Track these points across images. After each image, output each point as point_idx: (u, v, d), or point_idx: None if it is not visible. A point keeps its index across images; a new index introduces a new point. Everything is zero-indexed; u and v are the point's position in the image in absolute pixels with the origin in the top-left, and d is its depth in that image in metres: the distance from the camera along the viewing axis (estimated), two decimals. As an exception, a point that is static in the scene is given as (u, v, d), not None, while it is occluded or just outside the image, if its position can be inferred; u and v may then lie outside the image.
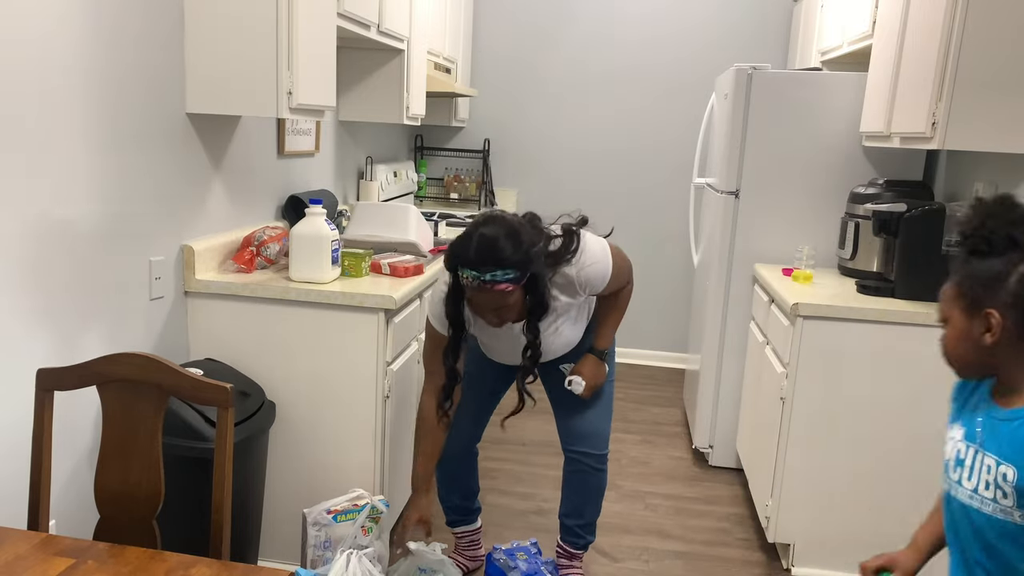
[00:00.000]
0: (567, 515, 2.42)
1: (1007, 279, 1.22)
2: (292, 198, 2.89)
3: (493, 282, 1.88)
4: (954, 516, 1.30)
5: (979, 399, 1.32)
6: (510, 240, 1.89)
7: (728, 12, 4.56)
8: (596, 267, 2.10)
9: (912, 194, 2.76)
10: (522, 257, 1.90)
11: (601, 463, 2.36)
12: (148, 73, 2.07)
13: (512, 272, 1.89)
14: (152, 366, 1.45)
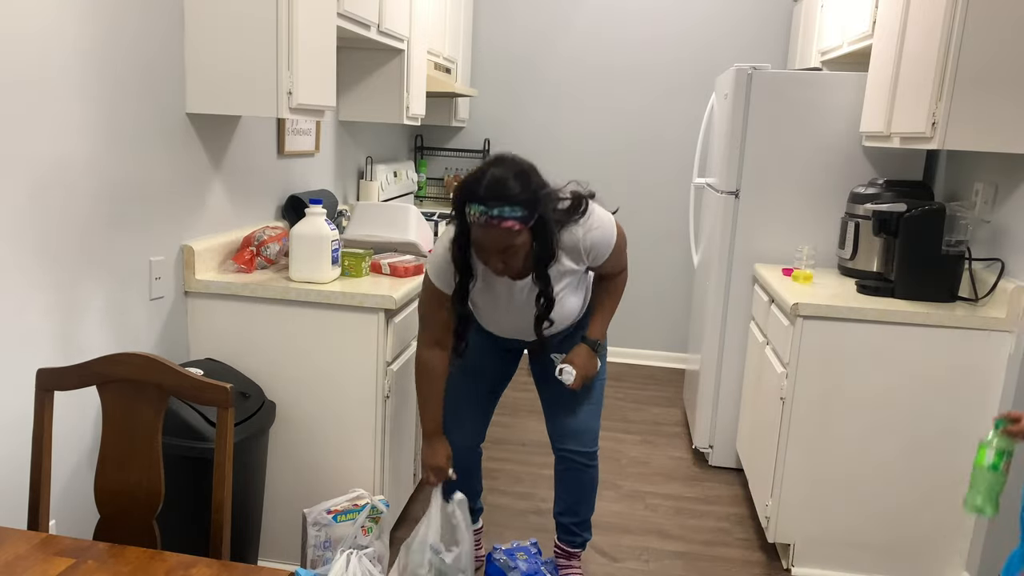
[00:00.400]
0: (562, 513, 2.43)
1: None
2: (292, 198, 2.89)
3: (501, 218, 1.85)
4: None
5: None
6: (520, 179, 1.88)
7: (728, 12, 4.56)
8: (603, 232, 2.07)
9: (912, 194, 2.76)
10: (531, 196, 1.88)
11: (591, 460, 2.35)
12: (148, 73, 2.08)
13: (520, 210, 1.86)
14: (152, 366, 1.45)
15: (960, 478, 2.48)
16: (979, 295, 2.54)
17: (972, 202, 2.69)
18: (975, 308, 2.49)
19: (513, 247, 1.92)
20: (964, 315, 2.40)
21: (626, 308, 4.87)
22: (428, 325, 2.19)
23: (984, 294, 2.51)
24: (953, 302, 2.55)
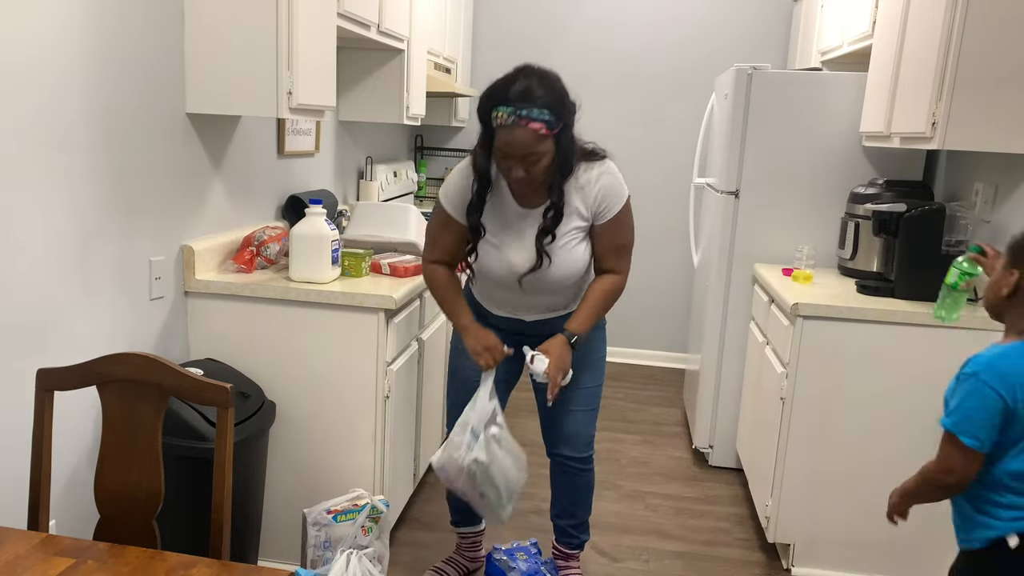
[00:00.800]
0: (558, 516, 2.42)
1: None
2: (292, 198, 2.89)
3: (529, 119, 1.86)
4: None
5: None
6: (548, 85, 1.91)
7: (728, 12, 4.56)
8: (615, 181, 2.07)
9: (912, 194, 2.76)
10: (559, 103, 1.90)
11: (586, 464, 2.34)
12: (148, 73, 2.08)
13: (548, 114, 1.88)
14: (152, 366, 1.45)
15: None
16: (979, 295, 2.53)
17: (972, 202, 2.69)
18: (975, 308, 2.48)
19: (537, 153, 1.91)
20: (964, 315, 2.40)
21: (626, 308, 4.87)
22: (432, 246, 2.21)
23: (984, 294, 2.51)
24: (953, 302, 2.55)
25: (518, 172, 1.95)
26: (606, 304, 2.17)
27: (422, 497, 3.01)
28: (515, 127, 1.88)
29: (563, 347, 2.09)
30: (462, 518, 2.51)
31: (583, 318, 2.13)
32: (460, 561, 2.53)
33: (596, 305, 2.15)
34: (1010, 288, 1.54)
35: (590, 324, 2.14)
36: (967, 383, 1.55)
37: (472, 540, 2.54)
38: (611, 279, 2.16)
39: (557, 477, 2.38)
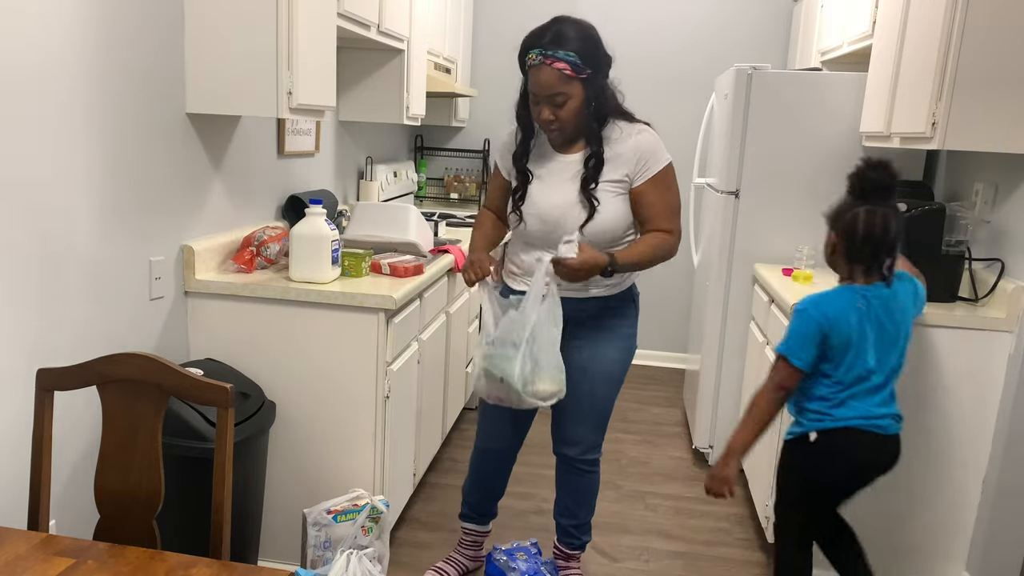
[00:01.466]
0: (561, 515, 2.42)
1: (846, 215, 1.93)
2: (292, 198, 2.89)
3: (554, 58, 1.93)
4: None
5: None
6: (579, 31, 1.97)
7: (728, 12, 4.56)
8: (655, 141, 2.08)
9: (912, 194, 2.76)
10: (587, 48, 1.95)
11: (591, 466, 2.34)
12: (148, 73, 2.08)
13: (574, 56, 1.93)
14: (152, 366, 1.45)
15: (959, 478, 2.48)
16: (979, 295, 2.54)
17: (972, 202, 2.69)
18: (975, 308, 2.48)
19: (562, 94, 1.96)
20: (964, 315, 2.40)
21: (626, 308, 4.88)
22: (488, 195, 2.37)
23: (984, 294, 2.51)
24: (953, 302, 2.55)
25: (547, 115, 2.01)
26: (654, 252, 2.09)
27: (422, 497, 3.01)
28: (542, 67, 1.96)
29: (597, 255, 2.00)
30: (472, 514, 2.50)
31: (628, 252, 2.07)
32: (460, 560, 2.52)
33: (644, 247, 2.09)
34: (831, 248, 2.00)
35: (632, 259, 2.07)
36: (797, 317, 1.96)
37: (474, 539, 2.54)
38: (662, 234, 2.10)
39: (562, 476, 2.38)
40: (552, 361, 2.04)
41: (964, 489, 2.49)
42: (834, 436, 1.98)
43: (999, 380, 2.41)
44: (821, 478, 2.04)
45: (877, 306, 1.94)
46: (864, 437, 1.99)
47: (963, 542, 2.52)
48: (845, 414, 1.97)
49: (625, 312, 2.25)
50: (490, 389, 2.10)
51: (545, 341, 2.02)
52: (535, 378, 2.02)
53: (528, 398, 2.03)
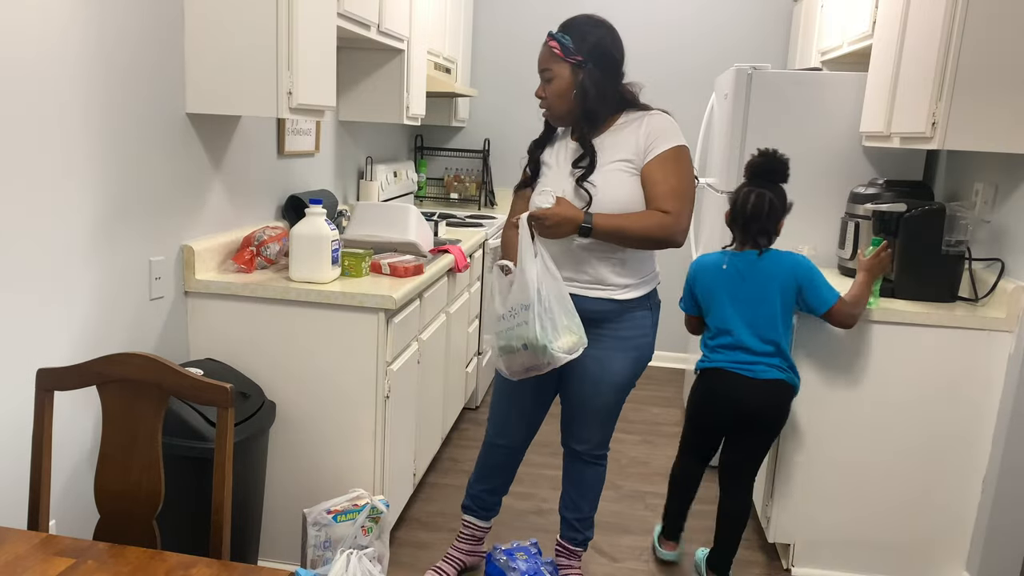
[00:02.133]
0: (565, 508, 2.44)
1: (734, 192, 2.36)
2: (292, 198, 2.89)
3: (550, 37, 2.08)
4: None
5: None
6: (587, 21, 2.08)
7: (728, 12, 4.56)
8: (669, 123, 2.07)
9: (912, 194, 2.76)
10: (584, 35, 2.05)
11: (597, 460, 2.37)
12: (148, 73, 2.08)
13: (568, 40, 2.05)
14: (152, 366, 1.45)
15: (959, 478, 2.48)
16: (979, 295, 2.54)
17: (972, 202, 2.69)
18: (975, 308, 2.48)
19: (549, 70, 2.08)
20: (964, 315, 2.40)
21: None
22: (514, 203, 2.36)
23: (984, 294, 2.51)
24: (953, 302, 2.55)
25: (539, 90, 2.13)
26: (643, 225, 2.01)
27: (422, 497, 3.01)
28: (543, 45, 2.10)
29: (572, 210, 2.00)
30: (473, 507, 2.51)
31: (612, 216, 2.01)
32: (458, 558, 2.52)
33: (634, 217, 2.02)
34: (727, 218, 2.38)
35: (613, 224, 2.00)
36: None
37: (472, 533, 2.53)
38: (660, 214, 2.02)
39: (568, 466, 2.40)
40: (565, 311, 2.03)
41: (964, 489, 2.49)
42: (706, 374, 2.41)
43: (999, 380, 2.41)
44: (695, 403, 2.49)
45: (737, 270, 2.33)
46: (730, 377, 2.32)
47: (963, 542, 2.52)
48: (716, 359, 2.36)
49: (639, 321, 2.20)
50: (513, 363, 2.08)
51: (551, 295, 2.02)
52: (556, 331, 2.01)
53: (557, 353, 2.00)
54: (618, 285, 2.15)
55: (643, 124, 2.07)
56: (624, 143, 2.07)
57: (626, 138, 2.07)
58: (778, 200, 2.30)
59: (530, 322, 1.99)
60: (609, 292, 2.14)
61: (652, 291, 2.25)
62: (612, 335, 2.18)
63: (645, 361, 2.26)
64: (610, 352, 2.18)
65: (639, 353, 2.23)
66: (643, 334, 2.23)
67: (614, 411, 2.29)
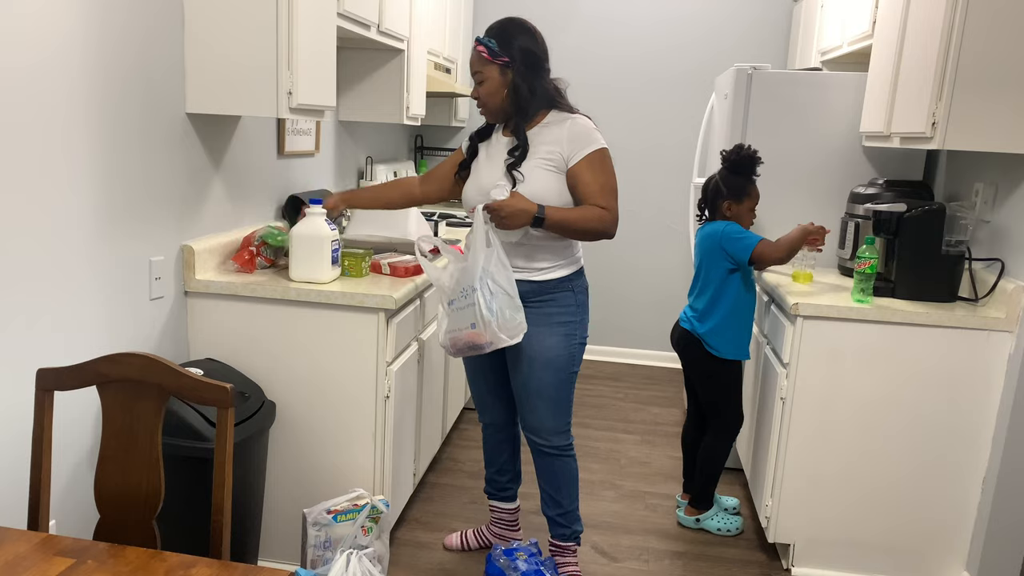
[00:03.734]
0: (545, 505, 2.46)
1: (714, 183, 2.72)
2: (292, 198, 2.89)
3: (478, 42, 2.20)
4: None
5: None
6: (511, 26, 2.20)
7: (728, 12, 4.56)
8: (588, 129, 2.20)
9: (912, 194, 2.76)
10: (508, 39, 2.17)
11: (560, 451, 2.38)
12: (148, 73, 2.08)
13: (493, 44, 2.17)
14: (152, 366, 1.45)
15: (959, 478, 2.48)
16: (979, 295, 2.54)
17: (972, 202, 2.69)
18: (975, 308, 2.49)
19: (479, 73, 2.20)
20: (964, 315, 2.40)
21: (626, 308, 4.87)
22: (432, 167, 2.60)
23: (984, 294, 2.51)
24: (953, 302, 2.55)
25: (473, 91, 2.26)
26: (586, 218, 2.16)
27: (422, 497, 3.01)
28: (472, 50, 2.23)
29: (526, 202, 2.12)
30: (491, 490, 2.65)
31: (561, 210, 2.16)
32: (485, 534, 2.65)
33: (578, 211, 2.17)
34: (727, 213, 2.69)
35: (561, 216, 2.15)
36: None
37: (500, 516, 2.64)
38: (599, 208, 2.18)
39: (536, 463, 2.43)
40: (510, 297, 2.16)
41: (964, 489, 2.49)
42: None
43: (999, 380, 2.41)
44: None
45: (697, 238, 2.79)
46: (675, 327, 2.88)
47: (963, 542, 2.52)
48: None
49: (561, 301, 2.29)
50: (458, 342, 2.19)
51: (500, 281, 2.14)
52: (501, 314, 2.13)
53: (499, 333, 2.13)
54: (535, 268, 2.26)
55: (566, 127, 2.19)
56: (549, 141, 2.19)
57: (552, 136, 2.19)
58: (723, 185, 2.66)
59: (476, 304, 2.12)
60: (527, 274, 2.26)
61: (573, 274, 2.31)
62: (538, 312, 2.26)
63: (575, 340, 2.31)
64: (538, 329, 2.26)
65: (567, 330, 2.29)
66: (567, 312, 2.30)
67: (558, 396, 2.32)
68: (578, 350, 2.33)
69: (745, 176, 2.65)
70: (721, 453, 2.83)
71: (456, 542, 2.66)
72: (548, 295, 2.27)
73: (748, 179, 2.66)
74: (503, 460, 2.59)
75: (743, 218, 2.67)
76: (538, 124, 2.23)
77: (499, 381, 2.48)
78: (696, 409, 2.95)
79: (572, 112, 2.25)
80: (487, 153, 2.32)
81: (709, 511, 2.88)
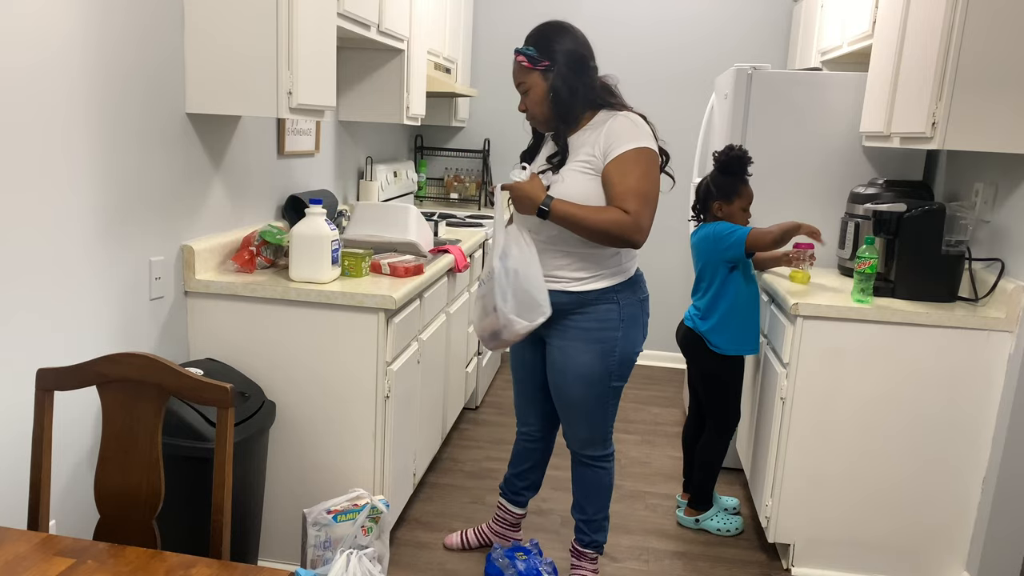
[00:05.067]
0: (574, 508, 2.46)
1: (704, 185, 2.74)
2: (292, 198, 2.89)
3: (518, 52, 2.16)
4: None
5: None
6: (548, 30, 2.15)
7: (728, 12, 4.56)
8: (630, 124, 2.11)
9: (912, 194, 2.76)
10: (546, 43, 2.12)
11: (595, 461, 2.36)
12: (148, 73, 2.08)
13: (532, 51, 2.13)
14: (152, 366, 1.45)
15: (959, 478, 2.48)
16: (979, 295, 2.54)
17: (972, 202, 2.69)
18: (975, 308, 2.48)
19: (524, 84, 2.16)
20: (964, 315, 2.40)
21: (626, 308, 4.87)
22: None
23: (984, 294, 2.51)
24: (953, 302, 2.55)
25: (521, 104, 2.21)
26: (598, 218, 2.05)
27: (422, 497, 3.01)
28: (514, 62, 2.19)
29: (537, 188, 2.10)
30: (505, 488, 2.64)
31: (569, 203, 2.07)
32: (486, 533, 2.65)
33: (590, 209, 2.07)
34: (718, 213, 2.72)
35: (568, 210, 2.06)
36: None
37: (504, 516, 2.64)
38: (619, 211, 2.05)
39: (572, 468, 2.43)
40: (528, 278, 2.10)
41: (964, 489, 2.49)
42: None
43: (999, 380, 2.41)
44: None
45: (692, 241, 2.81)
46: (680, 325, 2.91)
47: (963, 542, 2.52)
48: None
49: (602, 315, 2.20)
50: (484, 330, 2.19)
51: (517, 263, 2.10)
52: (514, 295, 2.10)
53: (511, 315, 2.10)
54: (572, 278, 2.19)
55: (605, 126, 2.11)
56: (589, 143, 2.13)
57: (592, 138, 2.13)
58: (713, 185, 2.68)
59: (493, 288, 2.11)
60: (564, 284, 2.19)
61: (619, 284, 2.20)
62: (575, 326, 2.21)
63: (614, 356, 2.21)
64: (573, 343, 2.21)
65: (603, 347, 2.20)
66: (607, 327, 2.20)
67: (593, 408, 2.27)
68: (618, 366, 2.23)
69: (735, 176, 2.67)
70: (719, 450, 2.84)
71: (456, 541, 2.66)
72: (589, 307, 2.18)
73: (739, 179, 2.67)
74: (526, 467, 2.57)
75: (735, 218, 2.68)
76: (583, 127, 2.16)
77: (538, 392, 2.44)
78: (697, 409, 2.97)
79: (622, 109, 2.16)
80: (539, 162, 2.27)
81: (709, 511, 2.88)
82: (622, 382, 2.27)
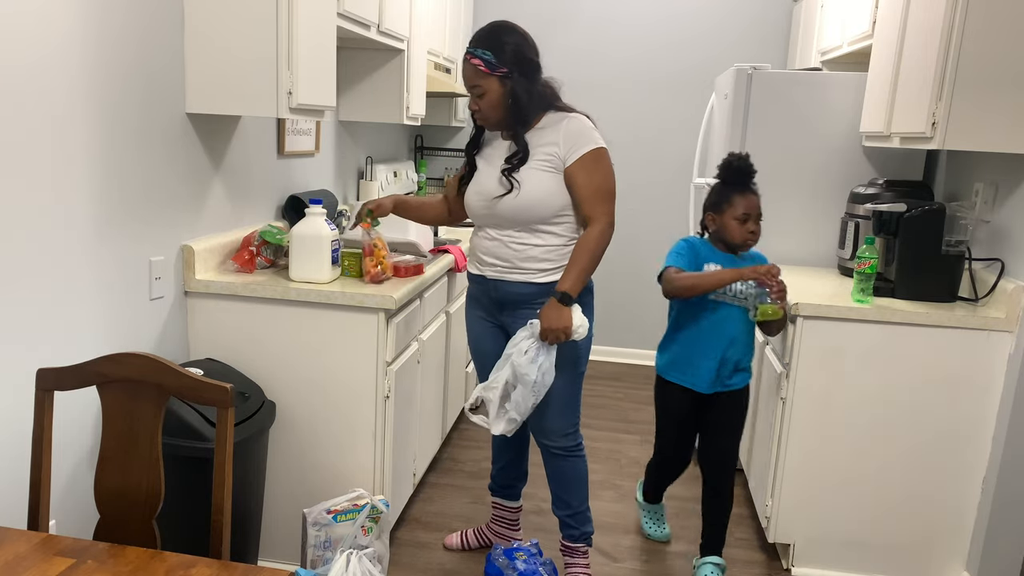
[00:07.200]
0: (556, 506, 2.45)
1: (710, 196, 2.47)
2: (292, 198, 2.89)
3: (472, 55, 2.15)
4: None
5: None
6: (499, 33, 2.16)
7: (728, 12, 4.56)
8: (583, 126, 2.18)
9: (912, 194, 2.76)
10: (501, 47, 2.13)
11: (569, 451, 2.37)
12: (148, 73, 2.08)
13: (488, 54, 2.13)
14: (152, 366, 1.45)
15: (959, 478, 2.48)
16: (979, 295, 2.54)
17: (972, 202, 2.69)
18: (975, 308, 2.49)
19: (479, 87, 2.16)
20: (964, 315, 2.40)
21: (626, 308, 4.87)
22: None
23: (984, 294, 2.51)
24: (953, 302, 2.55)
25: (472, 104, 2.22)
26: (591, 256, 2.17)
27: (422, 497, 3.01)
28: (465, 62, 2.18)
29: (554, 309, 2.14)
30: (494, 485, 2.64)
31: (572, 275, 2.16)
32: (486, 533, 2.64)
33: (581, 260, 2.17)
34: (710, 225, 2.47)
35: (578, 279, 2.16)
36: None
37: (502, 513, 2.64)
38: (591, 232, 2.18)
39: (546, 464, 2.42)
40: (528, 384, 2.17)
41: (964, 489, 2.49)
42: None
43: (999, 380, 2.41)
44: None
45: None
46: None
47: (963, 542, 2.52)
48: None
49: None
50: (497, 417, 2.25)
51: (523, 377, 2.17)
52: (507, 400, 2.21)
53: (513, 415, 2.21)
54: (535, 269, 2.24)
55: (563, 127, 2.18)
56: (546, 142, 2.18)
57: (549, 137, 2.18)
58: (708, 196, 2.48)
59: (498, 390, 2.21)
60: (528, 276, 2.24)
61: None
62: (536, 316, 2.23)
63: (577, 344, 2.27)
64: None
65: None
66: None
67: (563, 397, 2.30)
68: (583, 352, 2.32)
69: (733, 185, 2.38)
70: (649, 472, 2.74)
71: (456, 542, 2.66)
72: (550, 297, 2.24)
73: (733, 188, 2.36)
74: (509, 457, 2.59)
75: (728, 229, 2.35)
76: (535, 127, 2.22)
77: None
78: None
79: (569, 111, 2.24)
80: (485, 157, 2.31)
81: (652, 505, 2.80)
82: (583, 369, 2.35)
